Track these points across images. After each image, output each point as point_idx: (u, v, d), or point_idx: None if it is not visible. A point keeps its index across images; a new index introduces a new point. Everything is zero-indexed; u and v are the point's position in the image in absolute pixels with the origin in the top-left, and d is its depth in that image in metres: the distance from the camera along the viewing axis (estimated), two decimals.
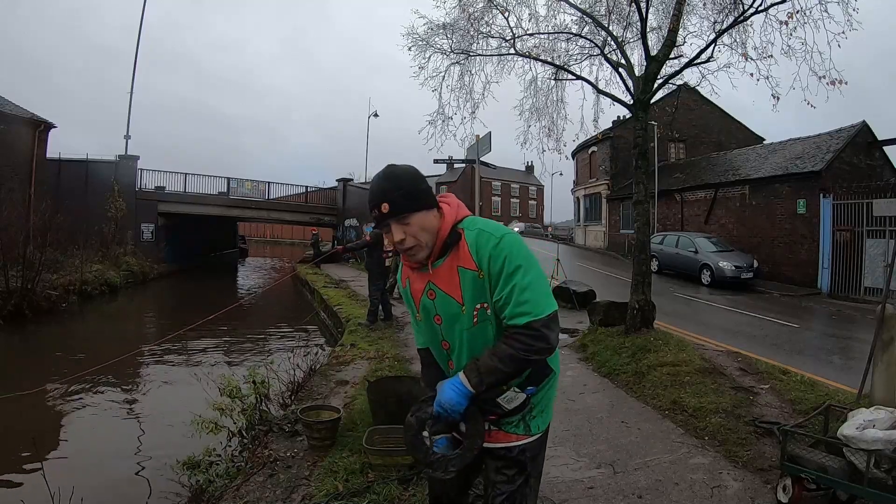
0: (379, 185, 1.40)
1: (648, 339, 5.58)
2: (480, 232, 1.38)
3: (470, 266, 1.37)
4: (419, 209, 1.38)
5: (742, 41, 6.06)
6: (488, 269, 1.35)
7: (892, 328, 3.39)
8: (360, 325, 7.74)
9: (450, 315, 1.43)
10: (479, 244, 1.37)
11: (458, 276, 1.39)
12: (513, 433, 1.47)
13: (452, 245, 1.40)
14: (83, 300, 12.99)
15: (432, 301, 1.45)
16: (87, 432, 5.26)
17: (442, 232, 1.40)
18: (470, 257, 1.37)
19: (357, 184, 26.13)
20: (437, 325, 1.47)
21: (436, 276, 1.43)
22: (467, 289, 1.38)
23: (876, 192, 11.96)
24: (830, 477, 2.41)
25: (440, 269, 1.41)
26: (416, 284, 1.50)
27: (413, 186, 1.38)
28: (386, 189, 1.37)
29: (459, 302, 1.40)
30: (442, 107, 6.94)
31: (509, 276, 1.33)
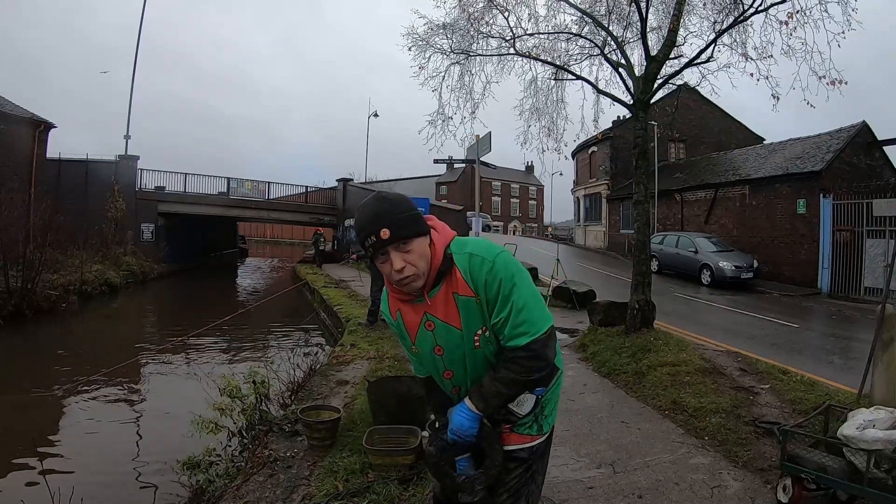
0: (374, 208, 1.30)
1: (648, 339, 5.57)
2: (472, 256, 1.33)
3: (467, 293, 1.33)
4: (419, 234, 1.31)
5: (742, 41, 6.06)
6: (485, 294, 1.32)
7: (892, 328, 3.39)
8: (360, 325, 7.74)
9: (451, 344, 1.40)
10: (473, 269, 1.32)
11: (455, 304, 1.35)
12: (527, 434, 1.48)
13: (446, 272, 1.35)
14: (83, 300, 13.00)
15: (431, 332, 1.40)
16: (87, 432, 5.26)
17: (435, 259, 1.34)
18: (465, 284, 1.33)
19: (357, 184, 26.18)
20: (438, 356, 1.44)
21: (433, 306, 1.37)
22: (465, 315, 1.35)
23: (876, 192, 11.96)
24: (830, 477, 2.41)
25: (437, 298, 1.36)
26: (409, 317, 1.43)
27: (411, 210, 1.32)
28: (383, 212, 1.28)
29: (459, 329, 1.37)
30: (442, 107, 6.95)
31: (506, 298, 1.31)
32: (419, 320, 1.41)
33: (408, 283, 1.32)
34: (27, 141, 16.15)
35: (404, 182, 44.72)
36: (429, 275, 1.33)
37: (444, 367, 1.45)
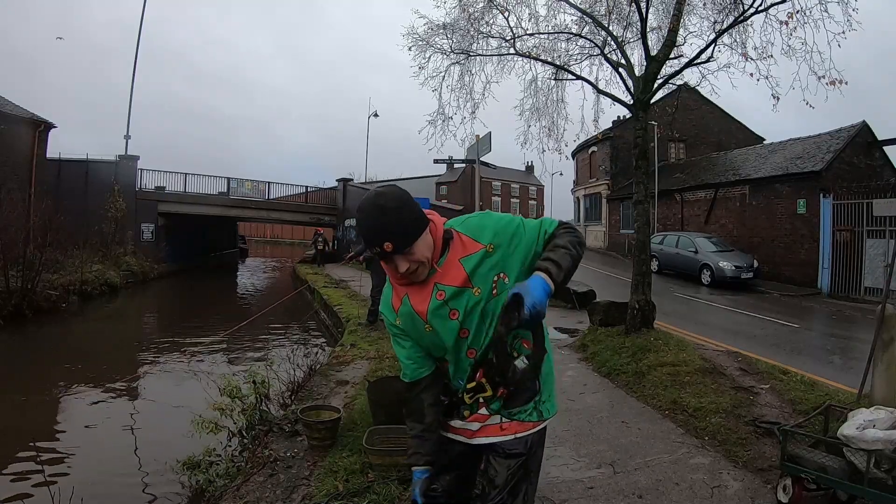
0: (375, 221, 1.32)
1: (648, 339, 5.58)
2: (467, 219, 1.47)
3: (474, 248, 1.42)
4: (420, 235, 1.35)
5: (742, 41, 6.07)
6: (498, 240, 1.41)
7: (892, 328, 3.39)
8: (360, 325, 7.74)
9: (466, 303, 1.43)
10: (477, 227, 1.44)
11: (461, 267, 1.41)
12: (528, 421, 1.48)
13: (449, 241, 1.43)
14: (83, 300, 13.00)
15: (442, 301, 1.42)
16: (87, 432, 5.26)
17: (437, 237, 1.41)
18: (472, 241, 1.42)
19: (357, 184, 26.16)
20: (454, 320, 1.44)
21: (441, 276, 1.42)
22: (475, 270, 1.41)
23: (876, 192, 11.96)
24: (830, 477, 2.41)
25: (445, 266, 1.42)
26: (418, 296, 1.45)
27: (410, 216, 1.34)
28: (385, 225, 1.31)
29: (469, 286, 1.41)
30: (442, 107, 6.96)
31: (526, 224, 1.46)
32: (429, 294, 1.44)
33: (415, 277, 1.40)
34: (27, 141, 16.15)
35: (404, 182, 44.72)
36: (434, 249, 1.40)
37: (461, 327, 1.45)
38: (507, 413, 1.48)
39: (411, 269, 1.36)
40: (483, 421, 1.50)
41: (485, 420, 1.50)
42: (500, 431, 1.49)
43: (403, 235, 1.32)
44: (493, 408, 1.48)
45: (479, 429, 1.51)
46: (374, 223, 1.32)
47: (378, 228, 1.31)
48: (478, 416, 1.51)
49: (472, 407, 1.50)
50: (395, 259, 1.34)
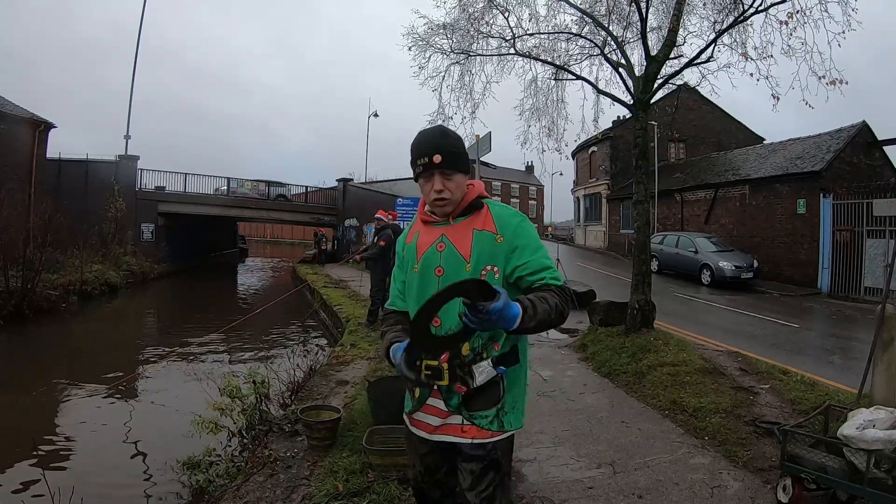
0: (434, 136, 1.50)
1: (648, 339, 5.58)
2: (505, 209, 1.55)
3: (490, 229, 1.49)
4: (462, 171, 1.51)
5: (742, 41, 6.06)
6: (511, 238, 1.47)
7: (892, 328, 3.39)
8: (360, 325, 7.74)
9: (453, 269, 1.49)
10: (505, 215, 1.52)
11: (471, 237, 1.50)
12: (487, 429, 1.46)
13: (474, 210, 1.53)
14: (83, 300, 12.99)
15: (440, 253, 1.52)
16: (87, 432, 5.25)
17: (468, 196, 1.54)
18: (492, 222, 1.50)
19: (357, 184, 26.15)
20: (437, 276, 1.51)
21: (452, 230, 1.53)
22: (478, 249, 1.48)
23: (876, 192, 11.96)
24: (830, 477, 2.41)
25: (458, 225, 1.53)
26: (425, 237, 1.57)
27: (463, 150, 1.53)
28: (441, 142, 1.48)
29: (466, 259, 1.48)
30: (442, 107, 6.96)
31: (535, 249, 1.47)
32: (433, 240, 1.54)
33: (441, 206, 1.51)
34: (27, 141, 16.14)
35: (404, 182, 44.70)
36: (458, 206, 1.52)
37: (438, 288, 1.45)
38: (467, 415, 1.47)
39: (444, 194, 1.48)
40: (444, 418, 1.49)
41: (446, 417, 1.49)
42: (460, 433, 1.48)
43: (454, 157, 1.48)
44: (452, 404, 1.47)
45: (439, 425, 1.50)
46: (434, 138, 1.50)
47: (436, 142, 1.49)
48: (438, 411, 1.49)
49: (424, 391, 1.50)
50: (435, 174, 1.47)
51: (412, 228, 1.66)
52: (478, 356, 1.44)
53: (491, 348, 1.46)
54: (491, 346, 1.46)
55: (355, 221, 22.81)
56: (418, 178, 1.54)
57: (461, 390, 1.44)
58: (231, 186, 23.99)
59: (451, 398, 1.47)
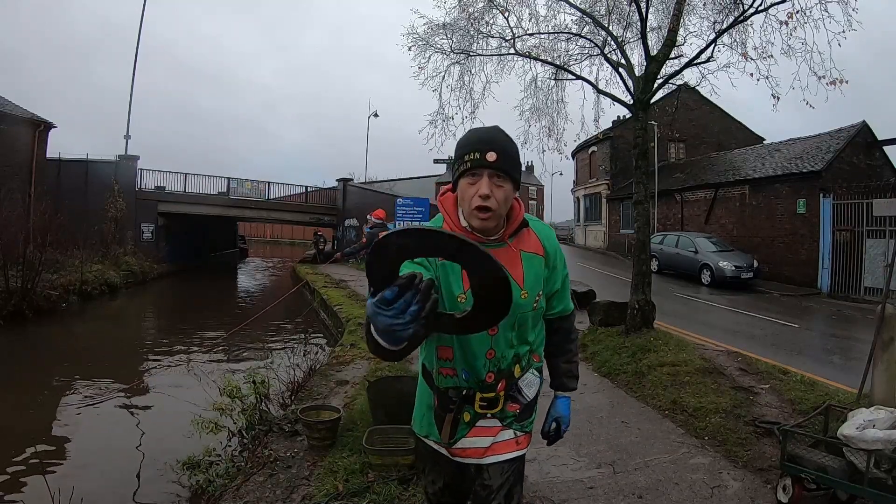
0: (491, 133, 1.28)
1: (648, 339, 5.58)
2: (544, 228, 1.44)
3: (538, 251, 1.38)
4: (514, 181, 1.28)
5: (742, 41, 6.07)
6: (553, 260, 1.41)
7: (892, 328, 3.39)
8: (360, 325, 7.73)
9: None
10: (547, 234, 1.42)
11: (520, 261, 1.34)
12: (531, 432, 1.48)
13: (521, 229, 1.37)
14: (83, 300, 12.99)
15: None
16: (87, 432, 5.26)
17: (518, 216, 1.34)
18: (538, 242, 1.38)
19: (357, 184, 26.13)
20: None
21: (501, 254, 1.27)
22: (531, 274, 1.35)
23: (876, 192, 11.95)
24: (830, 477, 2.42)
25: (507, 248, 1.32)
26: None
27: (519, 158, 1.33)
28: (499, 141, 1.26)
29: (520, 286, 1.32)
30: (442, 106, 6.96)
31: (563, 266, 1.45)
32: None
33: (483, 218, 1.25)
34: (27, 141, 16.14)
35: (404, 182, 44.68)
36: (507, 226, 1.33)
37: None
38: (519, 426, 1.43)
39: (490, 202, 1.22)
40: (494, 435, 1.39)
41: (496, 433, 1.39)
42: (515, 446, 1.43)
43: (510, 159, 1.26)
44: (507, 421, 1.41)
45: (490, 445, 1.39)
46: (493, 135, 1.27)
47: (492, 138, 1.26)
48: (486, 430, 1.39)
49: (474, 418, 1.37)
50: (484, 175, 1.22)
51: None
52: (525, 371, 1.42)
53: (531, 360, 1.43)
54: (530, 357, 1.43)
55: (355, 221, 22.81)
56: (460, 179, 1.27)
57: (514, 409, 1.41)
58: (231, 186, 23.97)
59: (506, 417, 1.42)
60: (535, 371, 1.43)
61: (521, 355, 1.40)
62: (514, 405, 1.41)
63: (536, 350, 1.44)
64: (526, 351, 1.40)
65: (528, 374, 1.42)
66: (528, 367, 1.42)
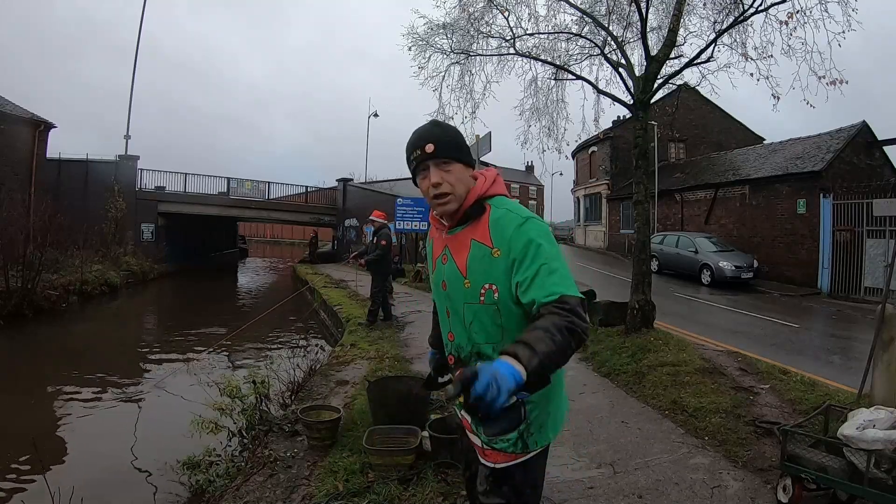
0: (425, 129, 1.37)
1: (648, 339, 5.58)
2: (507, 212, 1.31)
3: (484, 241, 1.31)
4: (460, 160, 1.35)
5: (742, 41, 6.07)
6: (508, 249, 1.26)
7: (892, 328, 3.39)
8: (360, 325, 7.74)
9: (454, 285, 1.37)
10: (502, 223, 1.29)
11: (468, 249, 1.33)
12: (511, 452, 1.33)
13: (474, 216, 1.34)
14: (83, 300, 12.99)
15: (444, 266, 1.40)
16: (87, 432, 5.26)
17: (467, 200, 1.34)
18: (487, 233, 1.31)
19: (357, 184, 26.14)
20: (444, 291, 1.42)
21: (452, 241, 1.39)
22: (474, 264, 1.32)
23: (876, 192, 11.95)
24: (830, 477, 2.41)
25: (457, 236, 1.37)
26: (436, 246, 1.47)
27: (460, 138, 1.38)
28: (433, 132, 1.35)
29: (463, 274, 1.34)
30: (442, 106, 6.97)
31: (534, 257, 1.22)
32: (440, 251, 1.43)
33: (443, 203, 1.33)
34: (27, 141, 16.15)
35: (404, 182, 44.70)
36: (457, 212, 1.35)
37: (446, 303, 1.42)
38: (486, 439, 1.34)
39: (444, 187, 1.31)
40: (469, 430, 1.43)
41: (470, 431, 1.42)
42: (483, 455, 1.38)
43: (447, 143, 1.33)
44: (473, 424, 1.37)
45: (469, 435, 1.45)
46: (425, 130, 1.36)
47: (426, 132, 1.35)
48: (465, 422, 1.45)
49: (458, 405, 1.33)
50: (430, 166, 1.32)
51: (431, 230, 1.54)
52: None
53: None
54: None
55: (355, 221, 22.82)
56: (416, 178, 1.38)
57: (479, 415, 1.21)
58: (231, 186, 23.99)
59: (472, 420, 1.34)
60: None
61: (485, 356, 1.32)
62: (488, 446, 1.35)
63: None
64: (490, 352, 1.31)
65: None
66: None
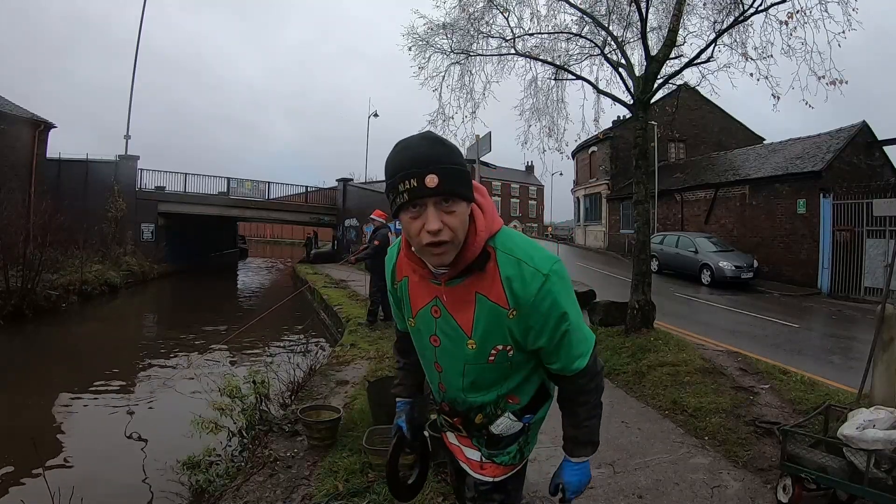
0: (424, 148, 0.97)
1: (648, 339, 5.58)
2: (521, 264, 1.05)
3: (499, 301, 1.06)
4: (466, 198, 1.00)
5: (742, 41, 6.07)
6: (528, 312, 1.06)
7: (892, 328, 3.38)
8: (360, 325, 7.74)
9: (454, 343, 1.15)
10: (520, 282, 1.04)
11: (474, 305, 1.08)
12: (510, 465, 1.28)
13: (478, 267, 1.06)
14: (83, 300, 13.00)
15: (437, 319, 1.15)
16: (87, 432, 5.26)
17: (472, 248, 1.03)
18: (501, 291, 1.06)
19: (357, 184, 26.14)
20: (433, 345, 1.19)
21: (449, 294, 1.10)
22: (482, 323, 1.09)
23: (876, 192, 11.95)
24: (830, 477, 2.41)
25: (455, 290, 1.09)
26: (417, 289, 1.17)
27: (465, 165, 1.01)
28: (437, 156, 0.96)
29: (468, 336, 1.11)
30: (442, 106, 6.98)
31: (558, 321, 1.07)
32: (427, 301, 1.15)
33: (438, 254, 1.00)
34: (27, 141, 16.15)
35: None
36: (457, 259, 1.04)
37: (436, 359, 1.22)
38: (486, 453, 1.29)
39: (444, 235, 0.97)
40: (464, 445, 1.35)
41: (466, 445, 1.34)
42: (479, 469, 1.31)
43: (455, 176, 0.96)
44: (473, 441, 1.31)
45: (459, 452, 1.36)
46: (428, 150, 0.96)
47: (427, 156, 0.95)
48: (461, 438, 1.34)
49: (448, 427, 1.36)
50: (429, 206, 0.96)
51: (398, 261, 1.21)
52: (493, 417, 1.23)
53: (506, 403, 1.21)
54: (505, 401, 1.21)
55: (355, 221, 22.82)
56: (399, 212, 1.00)
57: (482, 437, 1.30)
58: (231, 186, 24.00)
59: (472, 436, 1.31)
60: (511, 415, 1.22)
61: (486, 404, 1.21)
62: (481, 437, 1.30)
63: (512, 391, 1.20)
64: (492, 400, 1.21)
65: (502, 419, 1.22)
66: (500, 412, 1.22)
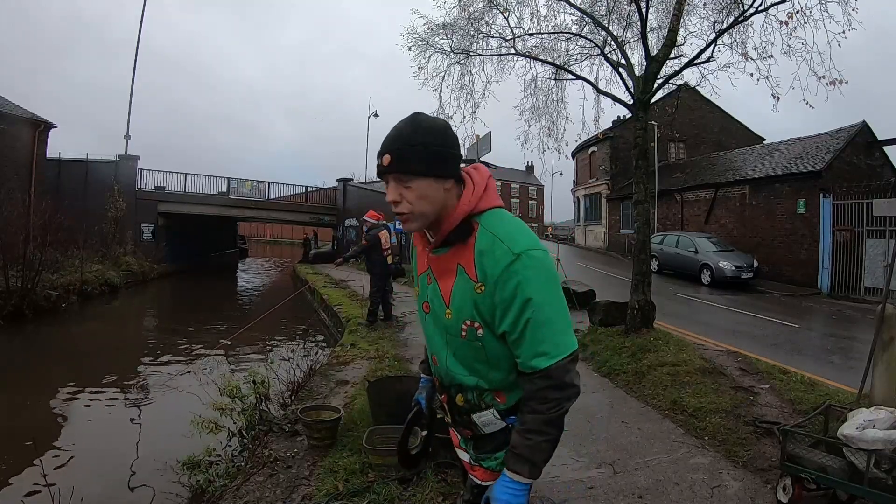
0: (395, 130, 1.11)
1: (648, 339, 5.58)
2: (496, 241, 1.08)
3: (470, 273, 1.11)
4: (426, 175, 1.08)
5: (742, 41, 6.07)
6: (493, 290, 1.07)
7: (892, 328, 3.39)
8: (360, 325, 7.74)
9: (437, 311, 1.20)
10: (490, 255, 1.08)
11: (455, 275, 1.13)
12: (497, 470, 1.24)
13: (461, 238, 1.12)
14: (83, 300, 13.00)
15: (428, 287, 1.23)
16: (87, 433, 5.26)
17: (451, 219, 1.11)
18: (472, 263, 1.10)
19: (357, 184, 26.14)
20: (425, 312, 1.26)
21: (436, 262, 1.19)
22: (458, 295, 1.13)
23: (876, 192, 11.95)
24: (830, 477, 2.41)
25: (442, 258, 1.17)
26: (420, 258, 1.28)
27: (433, 146, 1.08)
28: (399, 138, 1.09)
29: (446, 304, 1.16)
30: (442, 106, 6.97)
31: (522, 307, 1.06)
32: (424, 269, 1.25)
33: (403, 221, 1.13)
34: (27, 141, 16.15)
35: None
36: (439, 229, 1.13)
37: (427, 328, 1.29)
38: (474, 455, 1.28)
39: (401, 206, 1.10)
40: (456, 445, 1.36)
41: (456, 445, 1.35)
42: (469, 469, 1.32)
43: (407, 157, 1.08)
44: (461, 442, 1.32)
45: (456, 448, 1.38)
46: (394, 133, 1.11)
47: (389, 139, 1.11)
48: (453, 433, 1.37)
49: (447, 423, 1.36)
50: (390, 181, 1.11)
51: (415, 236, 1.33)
52: (475, 406, 1.22)
53: (492, 399, 1.20)
54: (491, 397, 1.20)
55: (355, 221, 22.80)
56: None
57: (466, 434, 1.29)
58: (231, 186, 24.01)
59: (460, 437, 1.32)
60: (496, 412, 1.20)
61: (467, 387, 1.21)
62: (465, 430, 1.28)
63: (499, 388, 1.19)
64: (473, 384, 1.20)
65: (486, 413, 1.21)
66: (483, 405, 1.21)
